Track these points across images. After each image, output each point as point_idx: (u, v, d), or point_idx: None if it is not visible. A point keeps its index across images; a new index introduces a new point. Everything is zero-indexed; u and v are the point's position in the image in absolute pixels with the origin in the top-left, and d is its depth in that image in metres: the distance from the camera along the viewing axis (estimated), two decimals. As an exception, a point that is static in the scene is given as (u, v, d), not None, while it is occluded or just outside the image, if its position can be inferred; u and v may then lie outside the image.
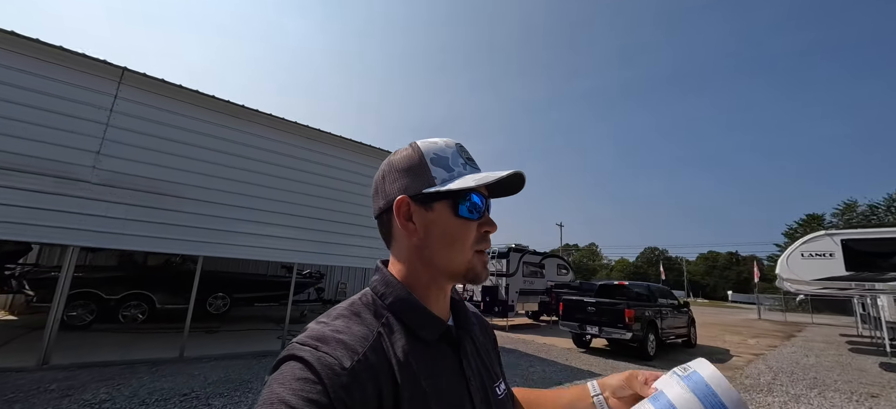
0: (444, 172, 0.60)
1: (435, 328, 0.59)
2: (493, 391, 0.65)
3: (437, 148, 0.62)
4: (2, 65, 4.99)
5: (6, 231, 4.96)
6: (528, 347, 9.51)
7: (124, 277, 8.44)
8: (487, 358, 0.69)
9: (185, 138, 6.29)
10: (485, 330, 0.76)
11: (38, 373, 4.89)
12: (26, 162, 5.07)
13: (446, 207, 0.59)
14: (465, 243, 0.59)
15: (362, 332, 0.53)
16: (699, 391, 0.58)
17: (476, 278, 0.60)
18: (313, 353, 0.48)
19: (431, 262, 0.60)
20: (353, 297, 0.60)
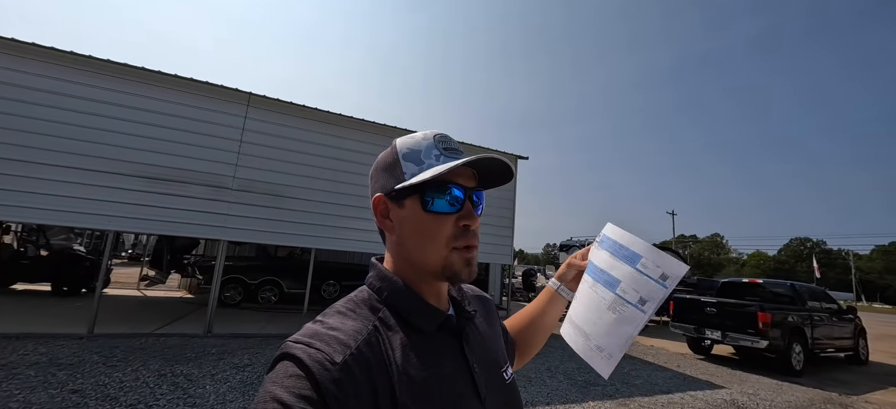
0: (413, 167, 0.58)
1: (432, 318, 0.58)
2: (500, 377, 0.64)
3: (412, 142, 0.60)
4: (166, 100, 6.44)
5: (178, 229, 6.43)
6: (631, 349, 8.65)
7: (261, 265, 10.21)
8: (493, 344, 0.69)
9: (297, 147, 7.28)
10: (489, 313, 0.76)
11: (204, 339, 6.24)
12: (190, 175, 6.47)
13: (416, 202, 0.57)
14: (437, 239, 0.57)
15: (356, 327, 0.53)
16: (608, 246, 0.78)
17: (454, 276, 0.57)
18: (305, 350, 0.48)
19: (409, 259, 0.59)
20: (351, 293, 0.60)
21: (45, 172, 5.71)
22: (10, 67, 5.70)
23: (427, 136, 0.61)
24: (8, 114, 5.61)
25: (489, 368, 0.62)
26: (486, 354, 0.64)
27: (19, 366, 4.34)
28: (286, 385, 0.45)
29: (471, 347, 0.61)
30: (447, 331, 0.60)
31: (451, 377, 0.55)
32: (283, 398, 0.44)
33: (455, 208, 0.57)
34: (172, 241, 10.43)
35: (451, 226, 0.57)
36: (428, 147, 0.59)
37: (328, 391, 0.45)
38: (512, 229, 9.32)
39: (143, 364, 4.77)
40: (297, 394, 0.44)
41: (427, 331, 0.57)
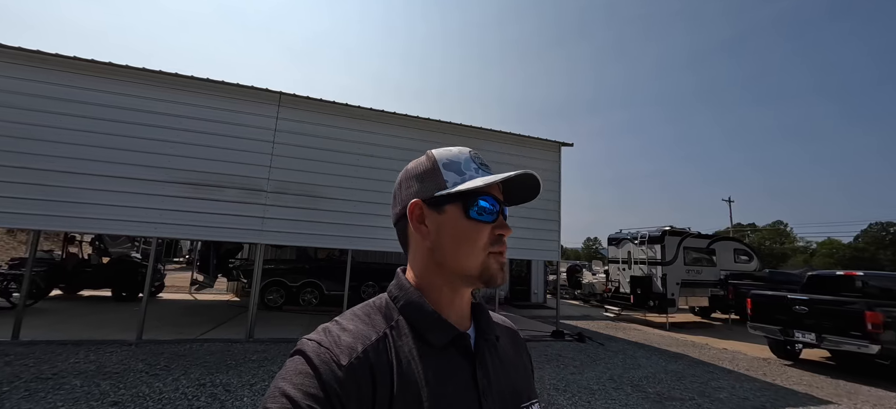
0: (455, 176, 0.61)
1: (444, 333, 0.58)
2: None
3: (450, 154, 0.64)
4: (200, 105, 6.41)
5: (217, 234, 6.40)
6: (703, 353, 7.66)
7: (301, 268, 10.21)
8: (517, 375, 0.66)
9: (330, 145, 7.05)
10: (518, 346, 0.74)
11: (245, 345, 6.15)
12: (227, 179, 6.41)
13: (458, 209, 0.59)
14: (476, 244, 0.59)
15: (367, 332, 0.55)
16: None
17: (491, 279, 0.59)
18: (316, 349, 0.51)
19: (444, 264, 0.60)
20: (371, 299, 0.62)
21: (90, 181, 5.83)
22: (58, 83, 5.87)
23: (463, 150, 0.65)
24: (55, 127, 5.78)
25: (505, 398, 0.61)
26: (503, 382, 0.62)
27: (68, 375, 4.36)
28: (294, 382, 0.48)
29: (485, 371, 0.60)
30: (459, 350, 0.59)
31: (453, 397, 0.54)
32: (288, 392, 0.47)
33: (491, 219, 0.60)
34: (218, 246, 10.71)
35: (488, 234, 0.59)
36: (466, 160, 0.63)
37: (332, 390, 0.47)
38: (558, 222, 8.61)
39: (184, 373, 4.67)
40: (303, 391, 0.47)
41: (437, 345, 0.57)
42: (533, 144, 8.64)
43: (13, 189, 5.56)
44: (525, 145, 8.58)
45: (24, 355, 4.92)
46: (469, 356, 0.60)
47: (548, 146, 8.77)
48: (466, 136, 8.10)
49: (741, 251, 13.07)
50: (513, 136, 8.45)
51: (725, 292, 12.01)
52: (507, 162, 8.30)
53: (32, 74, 5.79)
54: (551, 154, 8.79)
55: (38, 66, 5.82)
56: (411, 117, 7.65)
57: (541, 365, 5.93)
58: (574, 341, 7.83)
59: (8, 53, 5.72)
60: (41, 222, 5.71)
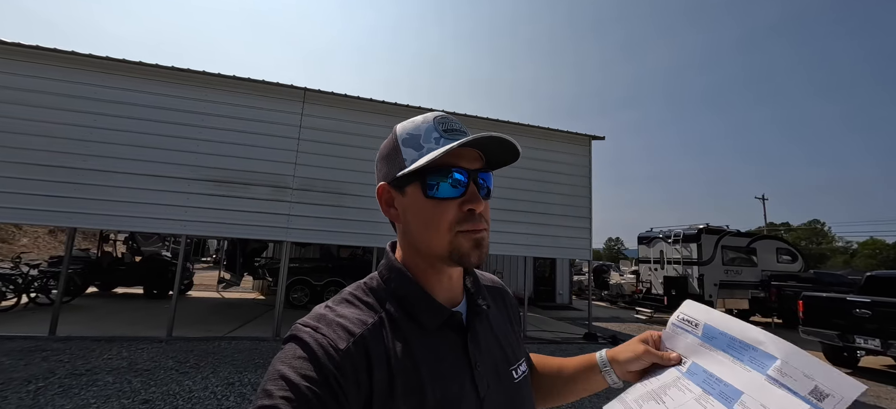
0: (413, 152, 0.56)
1: (436, 315, 0.57)
2: (509, 375, 0.62)
3: (411, 127, 0.58)
4: (226, 102, 6.41)
5: (243, 232, 6.38)
6: (748, 358, 7.13)
7: (325, 266, 10.18)
8: (505, 340, 0.66)
9: (355, 141, 6.94)
10: (507, 307, 0.73)
11: (272, 343, 6.10)
12: (252, 176, 6.39)
13: (417, 188, 0.56)
14: (440, 225, 0.55)
15: (362, 316, 0.54)
16: (718, 342, 0.59)
17: (462, 259, 0.55)
18: (312, 334, 0.50)
19: (416, 247, 0.58)
20: (361, 281, 0.60)
21: (122, 180, 5.90)
22: (91, 83, 5.98)
23: (427, 118, 0.58)
24: (88, 126, 5.88)
25: (496, 365, 0.61)
26: (493, 351, 0.62)
27: (101, 372, 4.37)
28: (293, 365, 0.47)
29: (476, 343, 0.60)
30: (451, 327, 0.59)
31: (448, 377, 0.54)
32: (288, 375, 0.46)
33: (458, 192, 0.55)
34: (244, 244, 10.83)
35: (455, 210, 0.55)
36: (427, 130, 0.57)
37: (330, 374, 0.47)
38: (588, 219, 8.23)
39: (213, 371, 4.62)
40: (302, 374, 0.46)
41: (430, 327, 0.56)
42: (561, 138, 8.30)
43: (49, 188, 5.68)
44: (552, 139, 8.24)
45: (60, 350, 5.00)
46: (461, 331, 0.59)
47: (577, 140, 8.40)
48: (489, 129, 7.79)
49: (784, 251, 12.27)
50: (539, 129, 8.13)
51: (767, 295, 11.29)
52: (533, 157, 8.00)
53: (67, 74, 5.91)
54: (581, 148, 8.42)
55: (72, 68, 5.94)
56: (436, 110, 7.45)
57: (576, 369, 5.61)
58: (607, 343, 7.44)
59: (45, 55, 5.86)
60: (75, 220, 5.81)
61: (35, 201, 5.66)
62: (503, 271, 14.21)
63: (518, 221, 7.68)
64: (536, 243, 7.82)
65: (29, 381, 3.99)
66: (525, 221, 7.73)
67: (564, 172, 8.20)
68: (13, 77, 5.75)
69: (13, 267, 7.80)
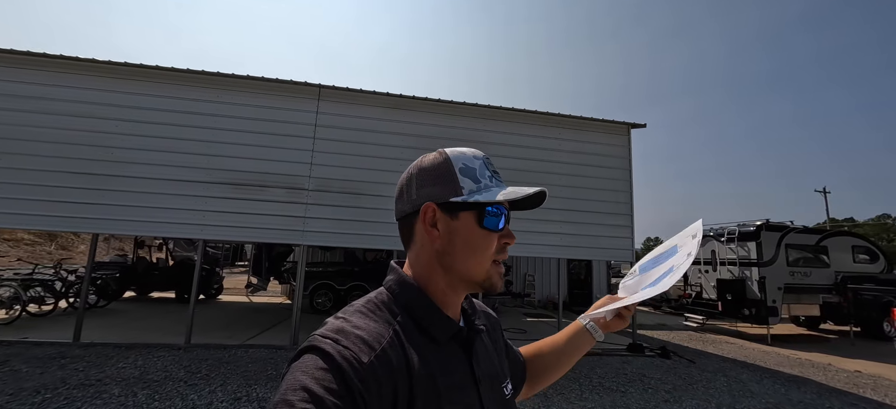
0: (471, 184, 0.61)
1: (446, 329, 0.60)
2: (501, 392, 0.66)
3: (465, 158, 0.63)
4: (240, 103, 6.25)
5: (261, 235, 6.18)
6: (830, 376, 6.06)
7: (348, 270, 9.95)
8: (498, 360, 0.71)
9: (372, 138, 6.59)
10: (494, 329, 0.77)
11: (288, 351, 5.82)
12: (268, 178, 6.18)
13: (471, 217, 0.60)
14: (485, 254, 0.60)
15: (379, 329, 0.54)
16: (650, 265, 0.91)
17: (492, 287, 0.61)
18: (334, 346, 0.50)
19: (451, 268, 0.61)
20: (369, 295, 0.61)
21: (141, 185, 5.86)
22: (112, 90, 6.00)
23: (477, 154, 0.64)
24: (108, 133, 5.89)
25: (492, 382, 0.64)
26: (490, 367, 0.66)
27: (110, 382, 4.21)
28: (315, 377, 0.47)
29: (478, 360, 0.63)
30: (458, 343, 0.62)
31: (460, 388, 0.57)
32: (311, 388, 0.45)
33: (500, 228, 0.61)
34: (270, 249, 10.82)
35: (496, 243, 0.61)
36: (481, 166, 0.63)
37: (355, 388, 0.47)
38: (630, 217, 7.41)
39: (221, 384, 4.35)
40: (325, 388, 0.46)
41: (440, 341, 0.59)
42: (597, 128, 7.54)
43: (75, 195, 5.72)
44: (588, 129, 7.50)
45: (79, 358, 4.95)
46: (466, 348, 0.63)
47: (615, 129, 7.61)
48: (521, 121, 7.23)
49: (862, 249, 10.68)
50: (571, 118, 7.42)
51: (842, 300, 9.85)
52: (566, 149, 7.31)
53: (90, 82, 5.97)
54: (619, 138, 7.62)
55: (94, 75, 5.98)
56: (458, 104, 6.96)
57: (621, 387, 4.90)
58: (657, 356, 6.61)
59: (68, 64, 5.94)
60: (99, 226, 5.83)
61: (63, 209, 5.72)
62: (534, 274, 13.46)
63: (550, 220, 7.02)
64: (571, 243, 7.12)
65: (38, 391, 3.88)
66: (558, 220, 7.06)
67: (602, 164, 7.44)
68: (42, 87, 5.87)
69: (54, 273, 8.09)
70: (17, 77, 5.84)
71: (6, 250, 17.31)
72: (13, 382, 4.06)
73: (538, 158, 7.18)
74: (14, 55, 5.85)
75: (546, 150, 7.25)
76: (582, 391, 4.69)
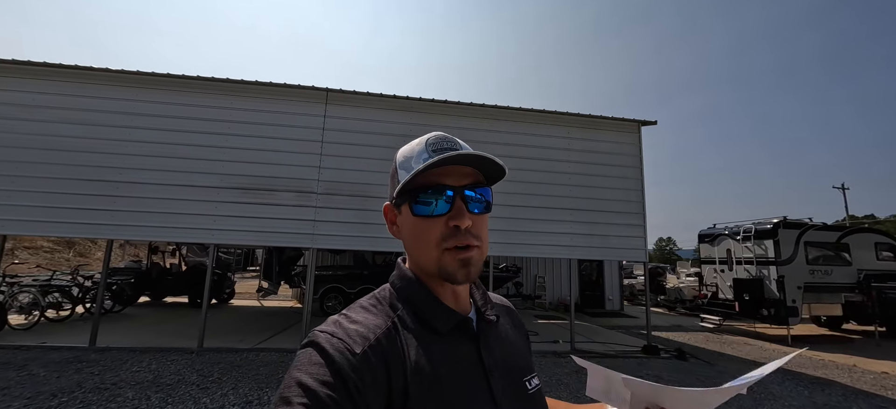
0: (404, 173, 0.58)
1: (447, 319, 0.59)
2: (522, 385, 0.63)
3: (407, 150, 0.62)
4: (249, 109, 6.31)
5: (270, 239, 6.21)
6: (856, 378, 5.84)
7: (358, 273, 9.96)
8: (517, 351, 0.67)
9: (380, 141, 6.59)
10: (515, 324, 0.74)
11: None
12: (277, 182, 6.22)
13: (407, 207, 0.59)
14: (427, 242, 0.58)
15: (377, 322, 0.55)
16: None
17: (449, 277, 0.57)
18: (329, 339, 0.51)
19: (415, 262, 0.61)
20: (375, 291, 0.62)
21: (153, 191, 5.94)
22: (124, 98, 6.11)
23: (422, 141, 0.61)
24: (121, 140, 5.99)
25: (510, 374, 0.62)
26: (507, 359, 0.63)
27: (125, 386, 4.25)
28: (310, 372, 0.48)
29: (489, 350, 0.61)
30: (464, 333, 0.60)
31: (463, 379, 0.56)
32: (306, 382, 0.47)
33: (445, 209, 0.57)
34: (280, 253, 10.90)
35: (442, 227, 0.57)
36: (419, 152, 0.59)
37: (348, 378, 0.47)
38: (642, 215, 7.27)
39: (233, 388, 4.36)
40: (319, 380, 0.47)
41: (442, 332, 0.58)
42: (607, 126, 7.43)
43: (87, 201, 5.82)
44: (598, 128, 7.39)
45: (94, 362, 5.01)
46: (474, 338, 0.61)
47: (625, 126, 7.48)
48: (530, 121, 7.16)
49: (886, 247, 10.31)
50: (580, 117, 7.32)
51: (865, 299, 9.53)
52: (575, 148, 7.22)
53: (103, 91, 6.08)
54: (629, 136, 7.49)
55: (107, 85, 6.10)
56: (465, 105, 6.93)
57: (635, 390, 4.78)
58: (673, 358, 6.45)
59: (82, 74, 6.07)
60: (112, 232, 5.91)
61: (78, 216, 5.83)
62: (545, 275, 13.32)
63: (560, 220, 6.93)
64: (582, 243, 7.00)
65: (55, 395, 3.93)
66: (568, 220, 6.96)
67: (612, 163, 7.32)
68: (57, 97, 6.00)
69: (71, 279, 8.26)
70: (36, 88, 5.99)
71: (26, 258, 17.77)
72: (31, 386, 4.13)
73: (548, 158, 7.10)
74: (31, 67, 6.00)
75: (556, 149, 7.16)
76: (596, 394, 4.58)
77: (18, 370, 4.57)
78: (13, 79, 5.97)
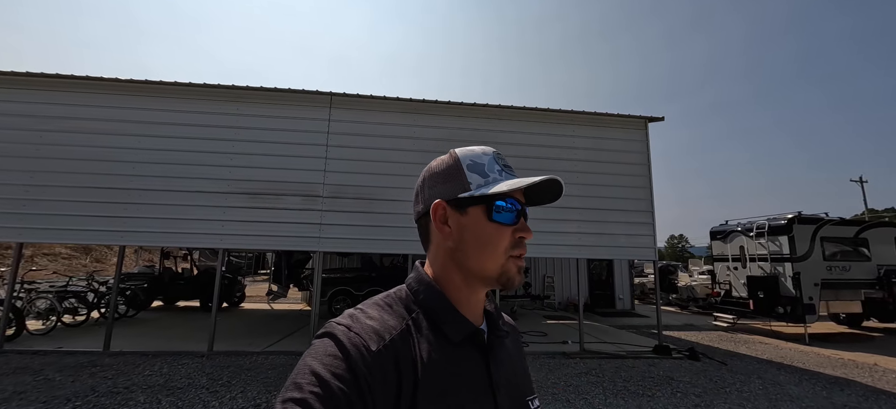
0: (479, 178, 0.61)
1: (461, 328, 0.59)
2: (525, 405, 0.64)
3: (473, 155, 0.64)
4: (256, 114, 6.38)
5: (277, 243, 6.26)
6: (877, 377, 5.66)
7: (365, 276, 9.99)
8: (520, 371, 0.68)
9: (384, 144, 6.61)
10: (518, 345, 0.75)
11: (308, 359, 5.86)
12: (284, 187, 6.28)
13: (480, 212, 0.60)
14: (497, 248, 0.59)
15: (392, 322, 0.56)
16: None
17: (509, 282, 0.60)
18: (346, 333, 0.52)
19: (464, 265, 0.61)
20: (390, 290, 0.63)
21: (163, 197, 6.04)
22: (135, 106, 6.22)
23: (487, 151, 0.65)
24: (132, 148, 6.10)
25: (512, 392, 0.63)
26: (511, 377, 0.64)
27: (136, 389, 4.32)
28: (325, 362, 0.49)
29: (497, 365, 0.61)
30: (474, 345, 0.61)
31: (470, 389, 0.56)
32: (319, 372, 0.47)
33: (510, 221, 0.60)
34: (289, 256, 11.00)
35: (510, 237, 0.60)
36: (490, 161, 0.63)
37: (361, 373, 0.48)
38: (651, 213, 7.16)
39: (241, 391, 4.40)
40: (332, 372, 0.47)
41: (454, 340, 0.58)
42: (613, 123, 7.33)
43: (101, 209, 5.94)
44: (604, 125, 7.31)
45: (108, 366, 5.11)
46: (483, 351, 0.61)
47: (631, 123, 7.38)
48: (534, 120, 7.10)
49: (908, 241, 9.99)
50: (586, 115, 7.25)
51: (885, 295, 9.25)
52: (582, 145, 7.15)
53: (114, 101, 6.21)
54: (636, 133, 7.39)
55: (118, 94, 6.23)
56: (469, 105, 6.91)
57: (647, 391, 4.70)
58: (685, 358, 6.33)
59: (95, 84, 6.21)
60: (124, 238, 6.02)
61: (93, 223, 5.95)
62: (553, 275, 13.20)
63: (568, 219, 6.85)
64: (590, 242, 6.92)
65: (70, 399, 4.01)
66: (577, 219, 6.88)
67: (619, 161, 7.22)
68: (70, 107, 6.14)
69: (86, 285, 8.43)
70: (49, 99, 6.14)
71: (45, 264, 18.23)
72: (46, 390, 4.22)
73: (554, 157, 7.03)
74: (45, 78, 6.15)
75: (561, 148, 7.09)
76: (606, 396, 4.52)
77: (35, 375, 4.67)
78: (28, 91, 6.13)
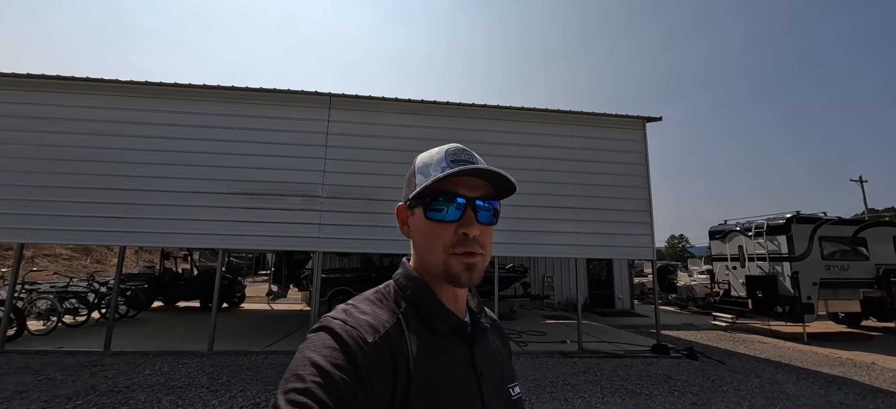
0: (422, 178, 0.63)
1: (447, 321, 0.62)
2: (507, 392, 0.67)
3: (427, 157, 0.66)
4: (256, 115, 6.41)
5: (277, 243, 6.29)
6: (874, 376, 5.68)
7: (366, 276, 10.01)
8: (502, 360, 0.72)
9: (383, 144, 6.63)
10: (501, 336, 0.79)
11: (308, 358, 5.89)
12: (283, 187, 6.30)
13: (421, 211, 0.63)
14: (435, 245, 0.61)
15: (384, 316, 0.58)
16: None
17: (454, 279, 0.60)
18: (343, 326, 0.54)
19: (421, 262, 0.65)
20: (379, 286, 0.66)
21: (164, 198, 6.07)
22: (135, 108, 6.25)
23: (441, 150, 0.65)
24: (133, 149, 6.13)
25: (496, 380, 0.65)
26: (494, 366, 0.67)
27: (137, 389, 4.35)
28: (323, 354, 0.50)
29: (481, 355, 0.64)
30: (460, 336, 0.63)
31: (459, 379, 0.59)
32: (319, 363, 0.49)
33: (456, 216, 0.61)
34: (289, 256, 11.02)
35: (451, 233, 0.61)
36: (438, 161, 0.64)
37: (360, 364, 0.50)
38: (649, 213, 7.18)
39: (241, 390, 4.43)
40: (332, 363, 0.49)
41: (441, 332, 0.61)
42: (611, 123, 7.36)
43: (101, 209, 5.97)
44: (602, 125, 7.33)
45: (109, 366, 5.14)
46: (468, 342, 0.64)
47: (629, 124, 7.41)
48: (533, 120, 7.12)
49: (906, 240, 10.01)
50: (584, 115, 7.27)
51: (884, 295, 9.26)
52: (579, 146, 7.17)
53: (115, 102, 6.24)
54: (634, 133, 7.41)
55: (117, 95, 6.26)
56: (467, 106, 6.93)
57: (645, 390, 4.72)
58: (683, 357, 6.35)
59: (96, 86, 6.24)
60: (125, 239, 6.05)
61: (93, 223, 5.98)
62: (553, 275, 13.22)
63: (566, 219, 6.88)
64: (589, 242, 6.94)
65: (71, 398, 4.04)
66: (574, 219, 6.91)
67: (617, 161, 7.25)
68: (72, 109, 6.17)
69: (87, 285, 8.46)
70: (50, 100, 6.16)
71: (45, 265, 18.26)
72: (48, 389, 4.25)
73: (552, 157, 7.06)
74: (46, 79, 6.18)
75: (560, 148, 7.11)
76: (603, 394, 4.54)
77: (36, 375, 4.70)
78: (30, 92, 6.16)
